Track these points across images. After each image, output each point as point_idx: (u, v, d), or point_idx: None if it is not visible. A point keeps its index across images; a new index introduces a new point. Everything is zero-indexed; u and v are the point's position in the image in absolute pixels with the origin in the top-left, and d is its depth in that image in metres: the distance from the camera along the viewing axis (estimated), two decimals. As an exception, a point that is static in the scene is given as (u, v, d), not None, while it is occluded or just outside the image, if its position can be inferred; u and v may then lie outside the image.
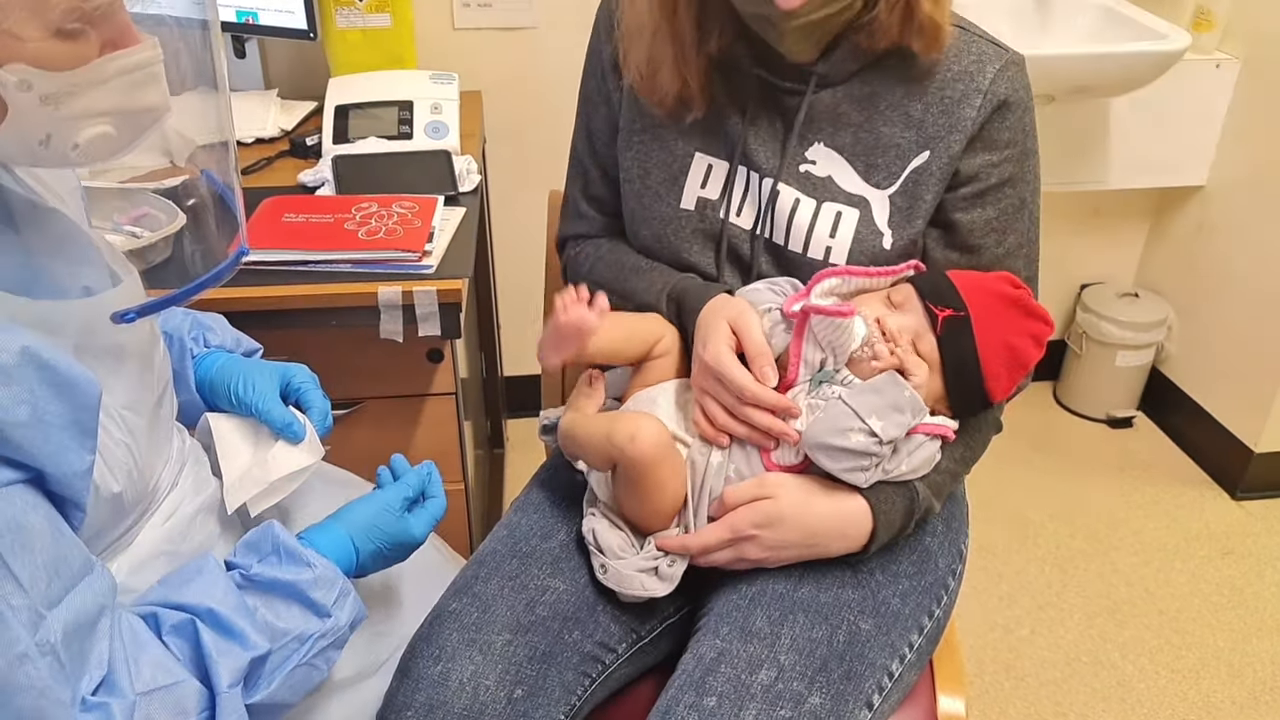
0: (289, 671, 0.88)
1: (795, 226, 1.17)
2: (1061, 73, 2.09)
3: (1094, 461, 2.64)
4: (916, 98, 1.14)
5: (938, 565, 1.20)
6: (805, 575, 1.11)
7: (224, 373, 1.10)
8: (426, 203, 1.59)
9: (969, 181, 1.15)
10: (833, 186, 1.16)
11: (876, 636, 1.09)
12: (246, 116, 1.93)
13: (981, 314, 1.08)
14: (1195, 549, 2.36)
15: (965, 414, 1.14)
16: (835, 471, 1.06)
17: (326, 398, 1.14)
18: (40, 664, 0.70)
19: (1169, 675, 2.04)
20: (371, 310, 1.47)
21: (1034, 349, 1.11)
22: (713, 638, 1.07)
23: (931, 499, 1.13)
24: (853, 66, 1.14)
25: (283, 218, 1.56)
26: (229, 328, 1.19)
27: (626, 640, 1.15)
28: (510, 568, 1.15)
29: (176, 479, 0.98)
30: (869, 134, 1.15)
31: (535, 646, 1.08)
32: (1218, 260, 2.52)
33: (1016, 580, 2.26)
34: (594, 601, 1.14)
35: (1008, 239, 1.18)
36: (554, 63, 2.20)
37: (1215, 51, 2.37)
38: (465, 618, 1.09)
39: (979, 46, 1.14)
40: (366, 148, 1.77)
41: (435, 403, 1.68)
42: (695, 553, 1.10)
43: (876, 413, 1.03)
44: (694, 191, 1.21)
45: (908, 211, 1.15)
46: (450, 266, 1.50)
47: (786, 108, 1.17)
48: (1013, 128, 1.14)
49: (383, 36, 1.94)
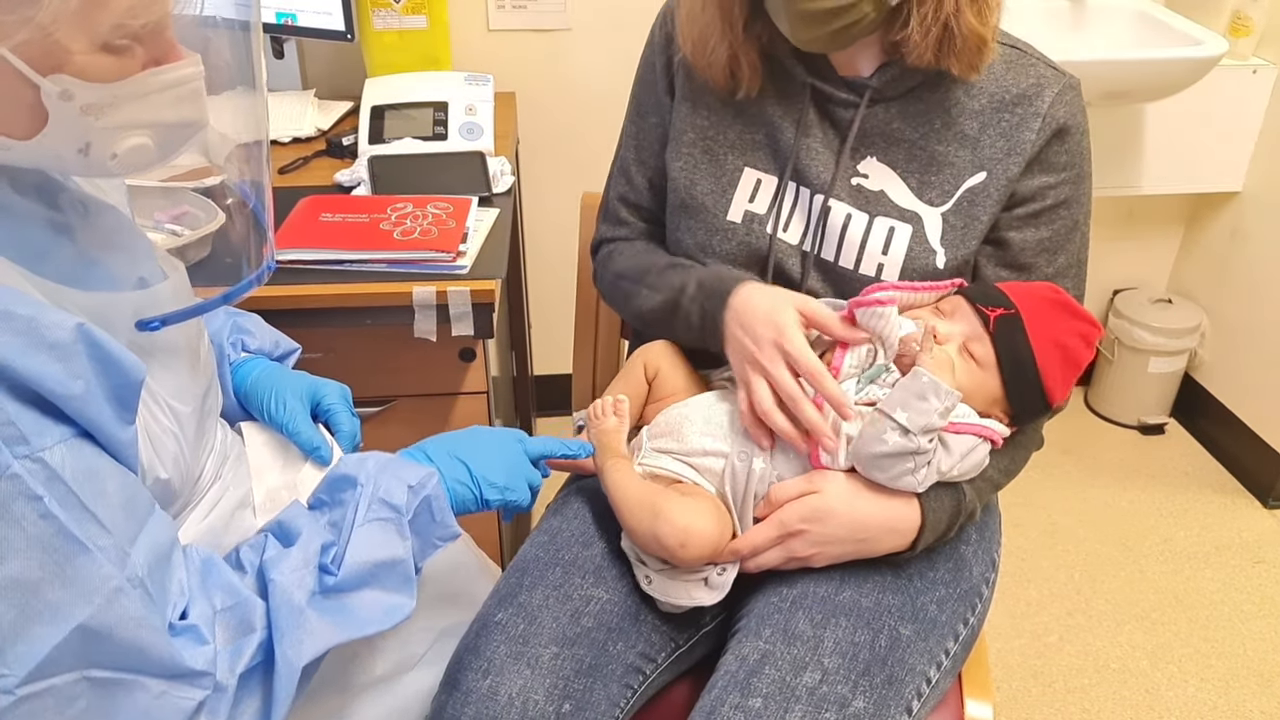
0: (358, 534, 0.90)
1: (847, 242, 1.17)
2: (1096, 78, 2.05)
3: (1125, 468, 2.62)
4: (973, 116, 1.14)
5: (972, 573, 1.20)
6: (846, 579, 1.12)
7: (259, 385, 1.11)
8: (461, 204, 1.61)
9: (1025, 202, 1.16)
10: (885, 201, 1.16)
11: (916, 642, 1.09)
12: (284, 116, 1.95)
13: (1032, 313, 1.09)
14: (1226, 557, 2.34)
15: (1025, 417, 1.14)
16: (888, 482, 1.07)
17: (356, 417, 1.15)
18: (133, 595, 0.74)
19: (1198, 684, 2.02)
20: (406, 310, 1.48)
21: (1084, 349, 1.11)
22: (755, 639, 1.07)
23: (976, 503, 1.14)
24: (908, 83, 1.14)
25: (319, 217, 1.58)
26: (267, 329, 1.20)
27: (667, 649, 1.15)
28: (554, 576, 1.14)
29: (220, 471, 0.99)
30: (923, 151, 1.15)
31: (581, 660, 1.07)
32: (1252, 267, 2.50)
33: (1045, 586, 2.24)
34: (637, 611, 1.14)
35: (1058, 259, 1.18)
36: (587, 65, 2.21)
37: (1252, 57, 2.34)
38: (512, 629, 1.08)
39: (1038, 70, 1.15)
40: (401, 148, 1.79)
41: (467, 401, 1.69)
42: (745, 555, 1.10)
43: (901, 405, 1.03)
44: (741, 205, 1.21)
45: (963, 231, 1.15)
46: (484, 267, 1.52)
47: (840, 120, 1.17)
48: (1070, 151, 1.15)
49: (418, 38, 1.96)
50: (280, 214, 1.60)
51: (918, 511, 1.10)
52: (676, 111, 1.24)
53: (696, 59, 1.17)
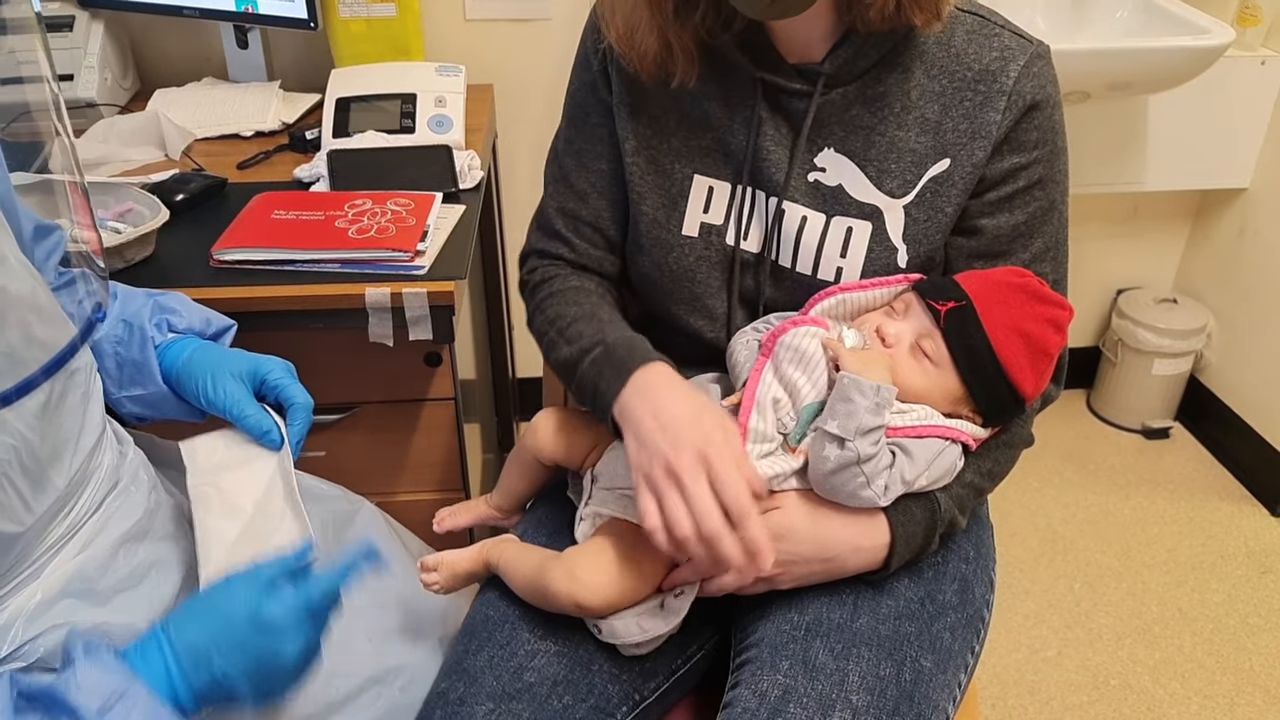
0: None
1: (803, 246, 1.10)
2: (1098, 69, 2.01)
3: (1128, 474, 2.57)
4: (933, 99, 1.06)
5: (975, 596, 1.13)
6: (860, 604, 1.05)
7: (192, 368, 1.03)
8: (423, 200, 1.53)
9: (995, 185, 1.07)
10: (843, 197, 1.08)
11: (936, 675, 1.02)
12: (247, 108, 1.88)
13: (985, 301, 1.02)
14: (1232, 567, 2.29)
15: (998, 415, 1.07)
16: (847, 500, 1.01)
17: (306, 390, 1.07)
18: None
19: (1202, 701, 1.97)
20: (361, 312, 1.41)
21: (1053, 333, 1.04)
22: (772, 672, 0.99)
23: (955, 512, 1.07)
24: (863, 64, 1.06)
25: (272, 214, 1.50)
26: (196, 307, 1.12)
27: (628, 702, 1.07)
28: (501, 636, 1.07)
29: (102, 502, 0.91)
30: (882, 137, 1.07)
31: (519, 715, 0.99)
32: (1260, 265, 2.46)
33: (1044, 598, 2.19)
34: (589, 661, 1.05)
35: (1034, 243, 1.10)
36: (568, 55, 2.12)
37: (1261, 48, 2.29)
38: (451, 695, 1.02)
39: (1000, 40, 1.06)
40: (365, 142, 1.72)
41: (434, 408, 1.63)
42: (704, 574, 1.03)
43: (830, 415, 0.98)
44: (696, 217, 1.13)
45: (926, 224, 1.08)
46: (444, 267, 1.44)
47: (793, 112, 1.09)
48: (1041, 127, 1.06)
49: (388, 27, 1.89)
50: (233, 211, 1.53)
51: (886, 528, 1.03)
52: (616, 116, 1.15)
53: (623, 47, 1.08)
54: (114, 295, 1.07)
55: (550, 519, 1.19)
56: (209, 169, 1.72)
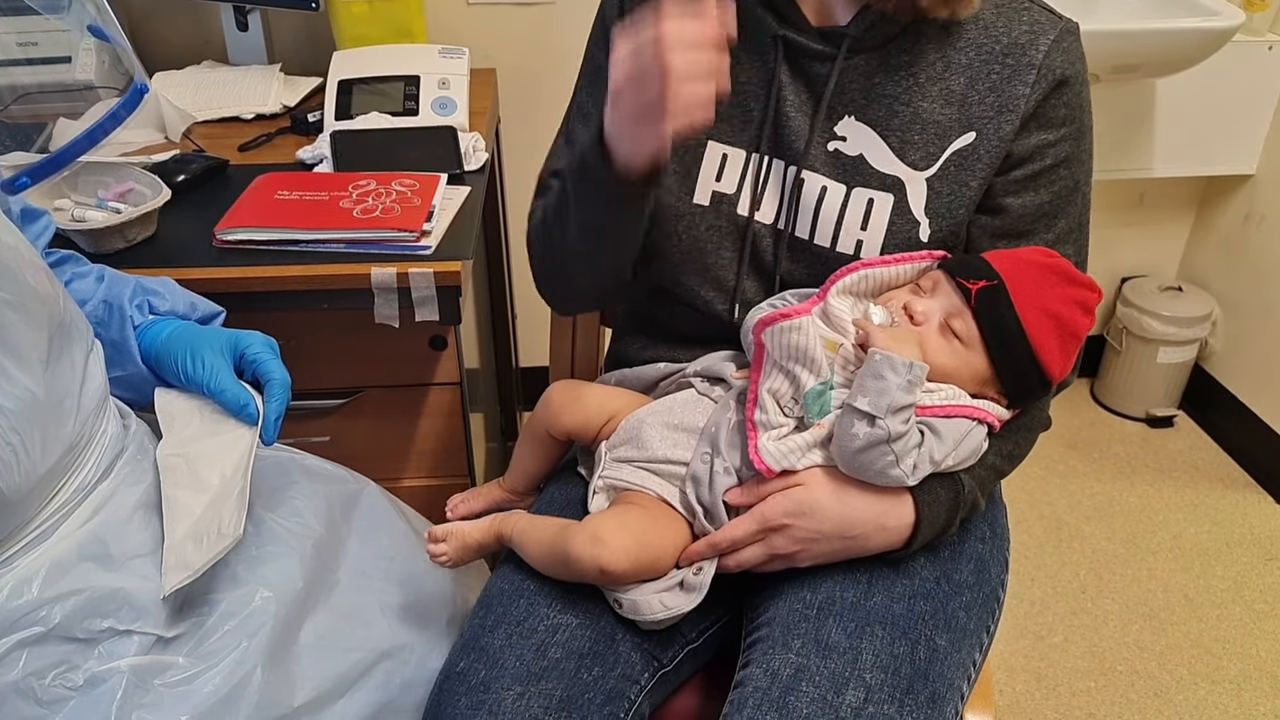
0: None
1: (822, 217, 1.08)
2: (1106, 50, 1.99)
3: (1133, 462, 2.56)
4: (960, 71, 1.04)
5: (991, 575, 1.12)
6: (874, 582, 1.03)
7: (171, 346, 1.02)
8: (428, 181, 1.52)
9: (1023, 163, 1.06)
10: (864, 167, 1.06)
11: (951, 654, 1.01)
12: (247, 91, 1.87)
13: (1017, 281, 1.00)
14: (1237, 554, 2.28)
15: (1024, 397, 1.05)
16: (874, 479, 1.00)
17: (285, 367, 1.04)
18: None
19: (1208, 686, 1.96)
20: (366, 293, 1.39)
21: (1083, 316, 1.02)
22: (784, 650, 0.98)
23: (977, 493, 1.06)
24: (889, 30, 1.04)
25: (275, 194, 1.49)
26: (181, 291, 1.10)
27: (650, 668, 1.06)
28: (518, 611, 1.05)
29: (112, 467, 0.89)
30: (905, 107, 1.05)
31: (550, 695, 0.97)
32: (1266, 253, 2.44)
33: (1050, 585, 2.18)
34: (612, 632, 1.04)
35: (1058, 223, 1.09)
36: (572, 40, 2.10)
37: (1269, 33, 2.27)
38: (473, 677, 0.99)
39: (1030, 14, 1.05)
40: (368, 123, 1.70)
41: (439, 392, 1.61)
42: (724, 549, 1.02)
43: (860, 392, 0.96)
44: (708, 185, 1.11)
45: (950, 199, 1.06)
46: (450, 248, 1.42)
47: (815, 76, 1.07)
48: (1070, 104, 1.05)
49: (391, 9, 1.87)
50: (235, 193, 1.52)
51: (911, 507, 1.01)
52: None
53: None
54: (101, 279, 1.06)
55: (561, 496, 1.18)
56: (210, 151, 1.70)
